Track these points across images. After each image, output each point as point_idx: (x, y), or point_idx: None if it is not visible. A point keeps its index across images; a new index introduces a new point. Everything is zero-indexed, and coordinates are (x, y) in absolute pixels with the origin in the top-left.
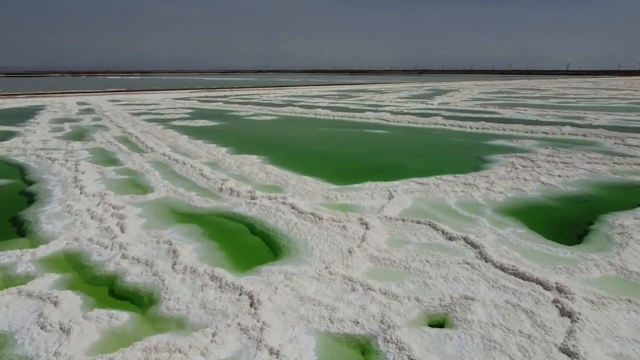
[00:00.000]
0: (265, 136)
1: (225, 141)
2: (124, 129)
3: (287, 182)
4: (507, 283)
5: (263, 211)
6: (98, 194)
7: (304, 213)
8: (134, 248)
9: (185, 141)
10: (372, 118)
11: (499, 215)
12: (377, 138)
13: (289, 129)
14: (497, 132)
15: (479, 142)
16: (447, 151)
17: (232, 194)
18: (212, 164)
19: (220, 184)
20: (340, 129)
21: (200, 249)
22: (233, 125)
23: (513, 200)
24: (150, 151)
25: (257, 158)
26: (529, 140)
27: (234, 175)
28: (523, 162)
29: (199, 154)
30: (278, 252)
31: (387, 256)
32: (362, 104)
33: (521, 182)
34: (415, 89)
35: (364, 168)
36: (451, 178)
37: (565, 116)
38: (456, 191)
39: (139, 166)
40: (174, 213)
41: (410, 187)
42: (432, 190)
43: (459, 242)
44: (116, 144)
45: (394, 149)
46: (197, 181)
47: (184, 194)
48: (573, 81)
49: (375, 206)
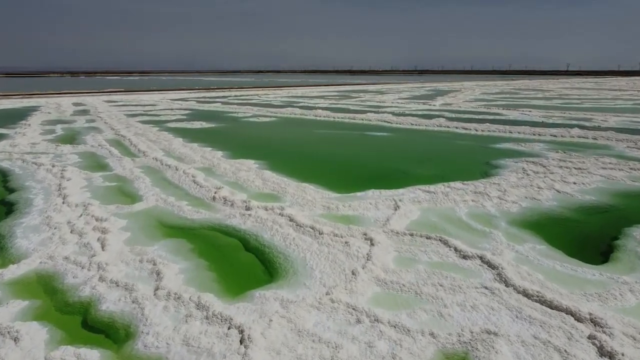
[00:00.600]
0: (263, 139)
1: (221, 144)
2: (117, 132)
3: (285, 190)
4: (533, 313)
5: (258, 224)
6: (81, 204)
7: (303, 226)
8: (113, 269)
9: (180, 144)
10: (373, 120)
11: (514, 228)
12: (380, 141)
13: (288, 131)
14: (503, 134)
15: (486, 146)
16: (453, 155)
17: (225, 203)
18: (207, 169)
19: (213, 193)
20: (341, 131)
21: (188, 269)
22: (230, 128)
23: (528, 211)
24: (143, 155)
25: (254, 163)
26: (537, 144)
27: (228, 182)
28: (534, 167)
29: (193, 159)
30: (274, 273)
31: (395, 279)
32: (363, 104)
33: (535, 191)
34: (416, 89)
35: (366, 174)
36: (460, 185)
37: (571, 118)
38: (466, 200)
39: (129, 172)
40: (162, 226)
41: (416, 195)
42: (441, 199)
43: (475, 262)
44: (107, 147)
45: (397, 152)
46: (189, 189)
47: (174, 204)
48: (574, 81)
49: (380, 218)
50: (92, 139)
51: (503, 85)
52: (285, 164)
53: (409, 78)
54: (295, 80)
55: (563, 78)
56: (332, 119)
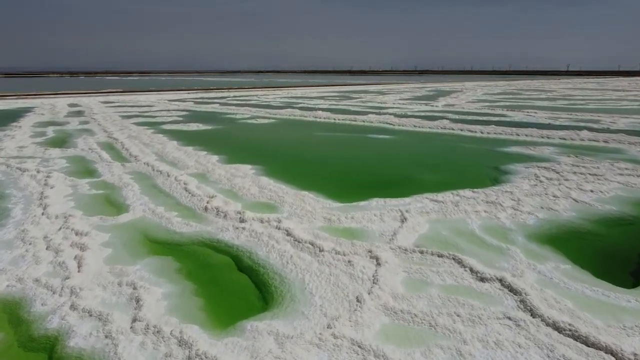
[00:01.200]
0: (261, 142)
1: (217, 148)
2: (110, 134)
3: (283, 199)
4: (567, 352)
5: (253, 238)
6: (62, 216)
7: (302, 242)
8: (88, 294)
9: (174, 148)
10: (375, 121)
11: (533, 243)
12: (382, 144)
13: (287, 134)
14: (510, 137)
15: (493, 149)
16: (460, 160)
17: (218, 214)
18: (200, 175)
19: (205, 202)
20: (342, 134)
21: (172, 295)
22: (227, 130)
23: (546, 224)
24: (134, 160)
25: (250, 168)
26: (547, 147)
27: (223, 190)
28: (547, 173)
29: (186, 164)
30: (269, 298)
31: (405, 307)
32: (364, 105)
33: (551, 200)
34: (417, 89)
35: (369, 180)
36: (470, 194)
37: (578, 119)
38: (478, 211)
39: (118, 179)
40: (148, 241)
41: (424, 205)
42: (451, 210)
43: (494, 285)
44: (98, 151)
45: (401, 157)
46: (180, 198)
47: (162, 215)
48: (576, 82)
49: (386, 232)
50: (83, 142)
51: (505, 86)
52: (283, 169)
53: (410, 78)
54: (295, 81)
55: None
56: (332, 120)
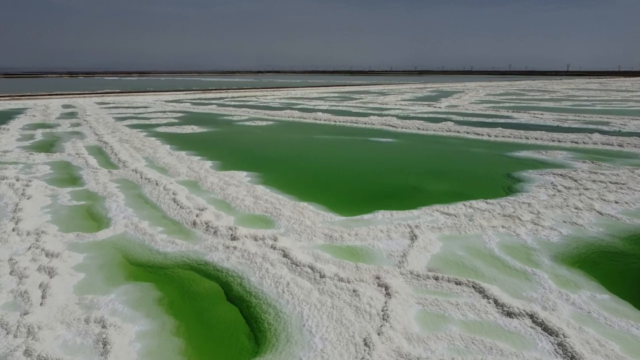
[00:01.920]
0: (258, 146)
1: (211, 153)
2: (100, 137)
3: (280, 211)
4: None
5: (245, 260)
6: (34, 232)
7: (300, 265)
8: (48, 335)
9: (166, 153)
10: (377, 124)
11: (561, 266)
12: (386, 149)
13: (286, 137)
14: (519, 140)
15: (503, 154)
16: (470, 166)
17: (207, 230)
18: (192, 184)
19: (195, 215)
20: (343, 137)
21: (147, 334)
22: (223, 133)
23: (572, 242)
24: (122, 166)
25: (246, 176)
26: (559, 152)
27: (215, 201)
28: (564, 181)
29: (177, 170)
30: (261, 339)
31: (422, 353)
32: (365, 107)
33: (573, 212)
34: (418, 90)
35: (373, 189)
36: (484, 205)
37: (587, 121)
38: (495, 226)
39: (102, 188)
40: (127, 262)
41: (435, 219)
42: (465, 225)
43: (524, 322)
44: (85, 156)
45: (406, 163)
46: (167, 210)
47: (146, 231)
48: (578, 82)
49: (395, 251)
50: (71, 146)
51: (507, 86)
52: (280, 176)
53: (410, 79)
54: (294, 81)
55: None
56: (333, 122)
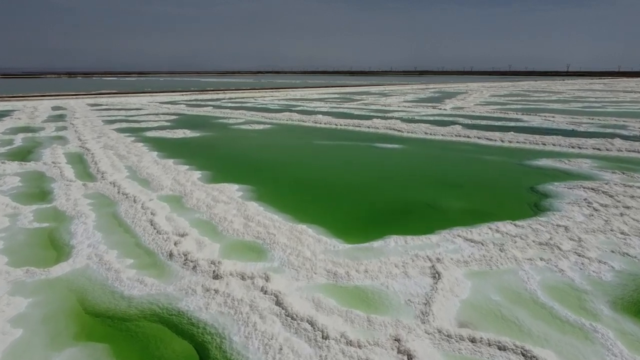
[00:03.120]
0: (253, 154)
1: (201, 161)
2: (83, 143)
3: (274, 237)
4: None
5: (228, 309)
6: None
7: (297, 318)
8: None
9: (152, 161)
10: (381, 127)
11: (625, 317)
12: (392, 156)
13: (283, 142)
14: (535, 146)
15: (522, 163)
16: (486, 177)
17: (186, 264)
18: (175, 200)
19: (173, 243)
20: (345, 143)
21: None
22: (217, 138)
23: (629, 280)
24: (100, 178)
25: (237, 189)
26: (583, 160)
27: (199, 223)
28: (598, 197)
29: (161, 183)
30: None
31: None
32: (367, 108)
33: (619, 239)
34: (420, 91)
35: (382, 207)
36: (513, 229)
37: (603, 124)
38: (532, 259)
39: (72, 205)
40: (81, 311)
41: (458, 248)
42: (495, 257)
43: None
44: (62, 166)
45: (416, 173)
46: (142, 235)
47: (111, 265)
48: (582, 83)
49: (415, 296)
50: (50, 153)
51: (510, 87)
52: (276, 190)
53: (410, 79)
54: (294, 82)
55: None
56: (334, 126)
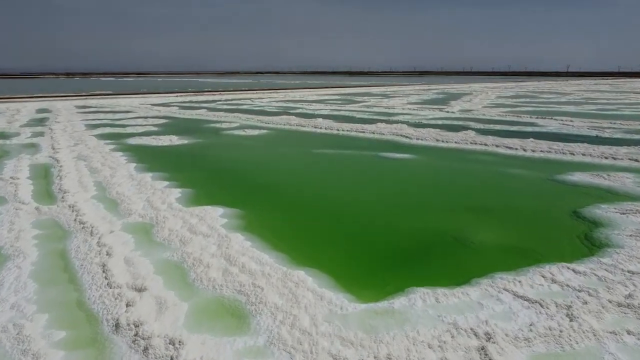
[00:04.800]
0: (244, 167)
1: (183, 175)
2: (55, 152)
3: (262, 292)
4: None
5: None
6: None
7: None
8: None
9: (126, 176)
10: (387, 133)
11: None
12: (403, 170)
13: (279, 153)
14: (563, 157)
15: (553, 178)
16: (518, 198)
17: (135, 343)
18: (143, 231)
19: (124, 305)
20: (349, 152)
21: None
22: (205, 147)
23: None
24: (60, 200)
25: (221, 215)
26: (624, 175)
27: (166, 268)
28: None
29: (131, 207)
30: None
31: None
32: (370, 111)
33: None
34: (423, 92)
35: (398, 241)
36: (572, 277)
37: (628, 129)
38: (616, 332)
39: (13, 239)
40: None
41: (510, 312)
42: (565, 329)
43: None
44: (19, 182)
45: (433, 193)
46: (88, 288)
47: (31, 343)
48: (587, 83)
49: None
50: (13, 164)
51: (514, 88)
52: (269, 216)
53: (410, 80)
54: (293, 82)
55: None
56: (335, 131)
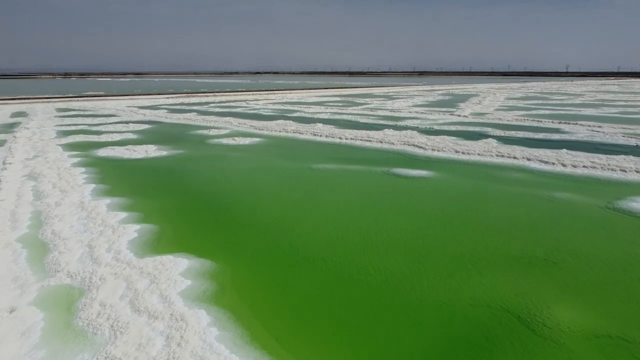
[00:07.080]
0: (226, 192)
1: (149, 204)
2: (3, 168)
3: None
4: None
5: None
6: None
7: None
8: None
9: (76, 204)
10: (396, 142)
11: None
12: (422, 195)
13: (272, 168)
14: (612, 174)
15: (615, 206)
16: (584, 239)
17: None
18: (64, 305)
19: None
20: (354, 168)
21: None
22: (184, 161)
23: None
24: None
25: (185, 271)
26: None
27: None
28: None
29: (60, 259)
30: None
31: None
32: (374, 115)
33: None
34: (427, 93)
35: (435, 323)
36: None
37: None
38: None
39: None
40: None
41: None
42: None
43: None
44: None
45: (471, 235)
46: None
47: None
48: (594, 83)
49: None
50: None
51: (521, 88)
52: (252, 278)
53: (410, 80)
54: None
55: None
56: (337, 139)
